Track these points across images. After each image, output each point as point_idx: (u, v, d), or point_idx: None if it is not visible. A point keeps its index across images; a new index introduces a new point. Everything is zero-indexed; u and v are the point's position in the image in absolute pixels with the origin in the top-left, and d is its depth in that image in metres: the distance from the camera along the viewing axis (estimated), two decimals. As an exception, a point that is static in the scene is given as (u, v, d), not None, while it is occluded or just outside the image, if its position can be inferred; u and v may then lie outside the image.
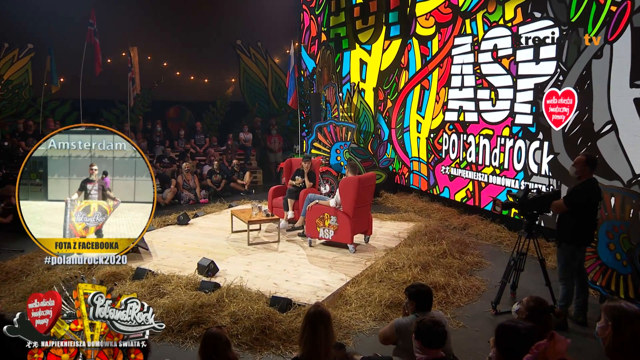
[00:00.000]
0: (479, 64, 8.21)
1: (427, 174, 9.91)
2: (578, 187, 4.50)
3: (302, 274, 5.69)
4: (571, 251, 4.51)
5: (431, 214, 8.71)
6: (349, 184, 6.44)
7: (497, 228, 7.65)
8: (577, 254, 4.53)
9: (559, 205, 4.58)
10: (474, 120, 8.41)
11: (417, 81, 10.08)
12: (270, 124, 14.52)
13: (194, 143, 12.94)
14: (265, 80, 15.71)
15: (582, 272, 4.65)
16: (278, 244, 6.96)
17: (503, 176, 7.75)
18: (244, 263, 6.10)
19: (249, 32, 14.79)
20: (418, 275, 5.40)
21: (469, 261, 6.21)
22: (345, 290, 5.22)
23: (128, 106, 12.05)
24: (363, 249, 6.71)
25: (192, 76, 14.89)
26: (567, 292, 4.56)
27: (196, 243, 7.00)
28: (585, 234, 4.50)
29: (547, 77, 6.85)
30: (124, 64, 12.29)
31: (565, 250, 4.53)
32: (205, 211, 9.29)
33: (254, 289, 5.02)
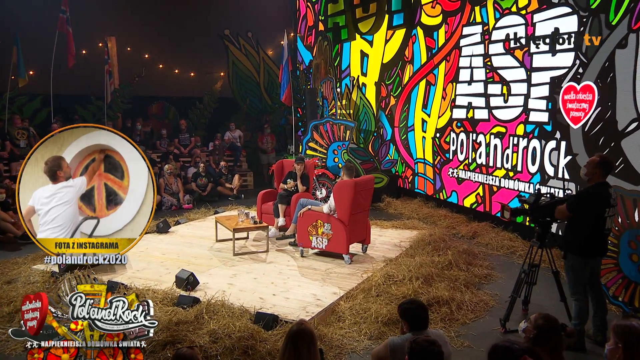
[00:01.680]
0: (490, 55, 8.19)
1: (433, 177, 9.89)
2: (583, 191, 4.45)
3: (291, 288, 5.67)
4: (579, 263, 4.44)
5: (437, 221, 8.72)
6: (344, 188, 6.42)
7: (510, 237, 7.62)
8: (587, 266, 4.46)
9: (562, 210, 4.52)
10: (484, 117, 8.39)
11: (422, 75, 10.07)
12: (263, 122, 14.51)
13: (178, 143, 12.93)
14: (257, 75, 15.71)
15: (597, 286, 4.58)
16: (266, 254, 6.94)
17: (516, 179, 7.72)
18: (228, 275, 6.07)
19: (238, 21, 14.80)
20: (419, 289, 5.36)
21: (477, 273, 6.18)
22: (339, 305, 5.18)
23: (105, 102, 12.03)
24: (360, 260, 6.68)
25: (177, 69, 14.89)
26: (581, 309, 4.49)
27: (176, 253, 6.98)
28: (592, 244, 4.42)
29: (564, 69, 6.83)
30: (101, 55, 12.28)
31: (573, 262, 4.47)
32: (188, 218, 9.28)
33: (237, 304, 4.98)
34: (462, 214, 8.86)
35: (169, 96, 14.64)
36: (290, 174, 8.14)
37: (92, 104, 12.38)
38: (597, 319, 4.57)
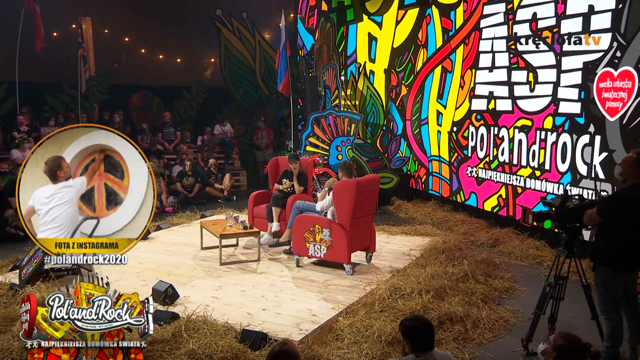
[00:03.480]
0: (514, 38, 8.15)
1: (449, 176, 9.85)
2: (616, 194, 4.37)
3: (284, 301, 5.67)
4: (611, 276, 4.36)
5: (453, 227, 8.71)
6: (344, 189, 6.41)
7: (536, 245, 7.60)
8: (621, 281, 4.38)
9: (591, 215, 4.45)
10: (507, 109, 8.37)
11: (437, 61, 10.05)
12: (258, 115, 14.51)
13: (162, 138, 12.97)
14: (252, 61, 15.74)
15: (633, 304, 4.49)
16: (257, 264, 6.95)
17: (544, 179, 7.69)
18: (213, 287, 6.09)
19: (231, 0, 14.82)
20: (430, 304, 5.33)
21: (497, 286, 6.15)
22: (337, 322, 5.16)
23: (79, 91, 12.05)
24: (363, 270, 6.68)
25: (161, 55, 14.90)
26: (614, 330, 4.41)
27: (155, 262, 7.00)
28: (626, 255, 4.33)
29: (599, 53, 6.78)
30: (74, 38, 12.30)
31: (603, 275, 4.39)
32: (171, 222, 9.31)
33: (221, 321, 4.99)
34: (481, 218, 8.85)
35: (152, 85, 14.67)
36: (286, 173, 8.14)
37: (64, 94, 12.39)
38: (634, 341, 4.49)
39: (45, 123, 11.49)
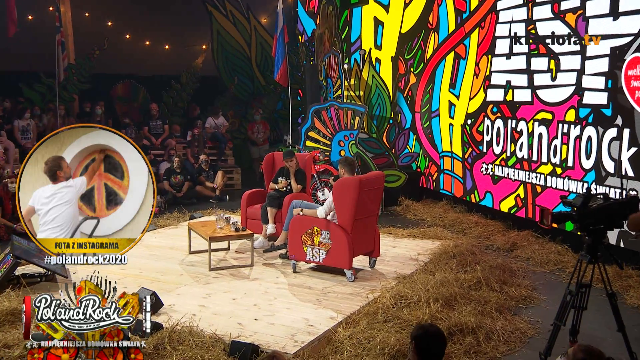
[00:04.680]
0: (534, 21, 8.13)
1: (462, 174, 9.84)
2: None
3: (278, 310, 5.68)
4: None
5: (466, 230, 8.73)
6: (345, 187, 6.39)
7: (558, 249, 7.59)
8: None
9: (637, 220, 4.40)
10: (526, 100, 8.36)
11: (449, 47, 10.04)
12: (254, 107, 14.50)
13: (148, 132, 12.96)
14: (248, 48, 15.72)
15: None
16: (250, 270, 6.95)
17: (566, 177, 7.67)
18: (201, 295, 6.09)
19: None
20: (438, 314, 5.31)
21: (513, 295, 6.13)
22: (336, 333, 5.14)
23: (57, 81, 12.04)
24: (366, 276, 6.69)
25: (148, 41, 14.92)
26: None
27: (138, 268, 6.99)
28: None
29: (629, 37, 6.75)
30: (51, 22, 12.27)
31: None
32: (157, 224, 9.30)
33: (208, 331, 4.99)
34: (497, 220, 8.85)
35: (137, 74, 14.67)
36: (282, 170, 8.13)
37: (40, 83, 12.40)
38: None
39: (20, 115, 11.49)
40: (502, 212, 8.88)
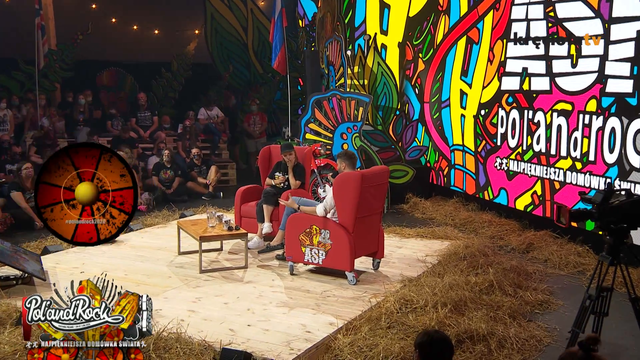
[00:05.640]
0: (553, 2, 8.13)
1: (475, 170, 9.84)
2: None
3: (273, 316, 5.70)
4: None
5: (478, 229, 8.75)
6: (346, 183, 6.39)
7: (578, 250, 7.60)
8: None
9: None
10: (544, 88, 8.35)
11: (461, 31, 10.03)
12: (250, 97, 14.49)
13: (136, 123, 12.97)
14: (244, 33, 15.68)
15: None
16: (244, 272, 6.97)
17: (587, 173, 7.67)
18: (190, 299, 6.11)
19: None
20: (446, 320, 5.31)
21: (528, 300, 6.14)
22: (336, 340, 5.16)
23: (37, 68, 12.03)
24: (369, 279, 6.71)
25: (135, 25, 14.90)
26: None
27: (123, 270, 7.01)
28: None
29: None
30: (30, 4, 12.27)
31: None
32: (144, 223, 9.33)
33: (197, 338, 5.00)
34: (513, 219, 8.86)
35: (124, 61, 14.65)
36: (279, 165, 8.14)
37: (19, 70, 12.39)
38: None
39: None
40: (517, 211, 8.88)
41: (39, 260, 6.82)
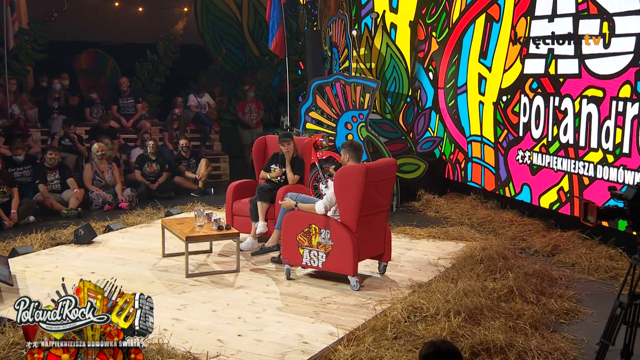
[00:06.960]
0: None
1: (494, 163, 9.85)
2: None
3: (267, 325, 5.73)
4: None
5: (498, 229, 8.77)
6: (349, 177, 6.42)
7: (610, 253, 7.58)
8: None
9: None
10: (572, 72, 8.33)
11: (480, 8, 10.03)
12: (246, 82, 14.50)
13: (117, 111, 13.00)
14: (239, 11, 15.72)
15: None
16: (236, 276, 7.01)
17: (620, 167, 7.65)
18: (174, 307, 6.15)
19: None
20: (459, 329, 5.32)
21: (553, 308, 6.12)
22: (336, 352, 5.17)
23: (6, 49, 12.05)
24: (375, 284, 6.74)
25: (117, 2, 14.90)
26: None
27: (101, 274, 6.97)
28: None
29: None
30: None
31: None
32: (126, 222, 9.40)
33: (181, 350, 5.04)
34: (536, 218, 8.87)
35: (105, 42, 14.69)
36: (276, 157, 8.15)
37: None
38: None
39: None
40: (542, 209, 8.88)
41: (6, 264, 6.83)
